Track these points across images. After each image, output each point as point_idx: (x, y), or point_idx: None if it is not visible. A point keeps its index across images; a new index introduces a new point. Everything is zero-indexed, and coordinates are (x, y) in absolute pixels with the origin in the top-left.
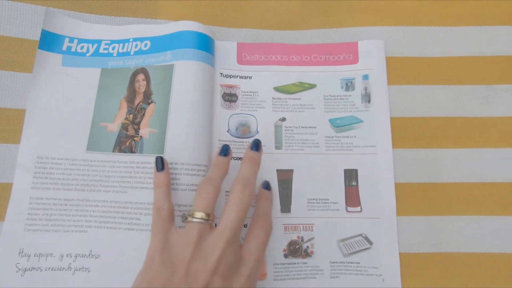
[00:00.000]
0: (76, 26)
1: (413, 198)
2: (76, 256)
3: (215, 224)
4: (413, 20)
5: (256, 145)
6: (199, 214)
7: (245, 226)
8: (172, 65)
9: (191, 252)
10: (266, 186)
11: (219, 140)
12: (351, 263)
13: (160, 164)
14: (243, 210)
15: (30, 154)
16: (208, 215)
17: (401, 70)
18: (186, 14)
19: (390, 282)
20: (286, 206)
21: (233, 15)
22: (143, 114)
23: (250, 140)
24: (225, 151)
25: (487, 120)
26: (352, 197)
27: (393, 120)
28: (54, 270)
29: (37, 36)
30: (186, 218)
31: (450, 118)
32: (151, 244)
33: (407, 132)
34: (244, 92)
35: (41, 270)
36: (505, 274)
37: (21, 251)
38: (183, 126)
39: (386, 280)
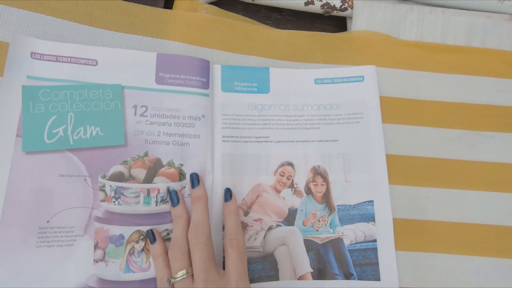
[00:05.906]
0: None
1: (399, 233)
2: None
3: None
4: (408, 65)
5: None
6: (180, 274)
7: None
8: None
9: None
10: (226, 197)
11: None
12: None
13: (152, 236)
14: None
15: None
16: (186, 270)
17: (393, 110)
18: (195, 38)
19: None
20: None
21: (240, 41)
22: None
23: None
24: (174, 201)
25: (471, 163)
26: None
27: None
28: None
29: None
30: (171, 282)
31: (437, 159)
32: None
33: (398, 169)
34: None
35: None
36: None
37: None
38: None
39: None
